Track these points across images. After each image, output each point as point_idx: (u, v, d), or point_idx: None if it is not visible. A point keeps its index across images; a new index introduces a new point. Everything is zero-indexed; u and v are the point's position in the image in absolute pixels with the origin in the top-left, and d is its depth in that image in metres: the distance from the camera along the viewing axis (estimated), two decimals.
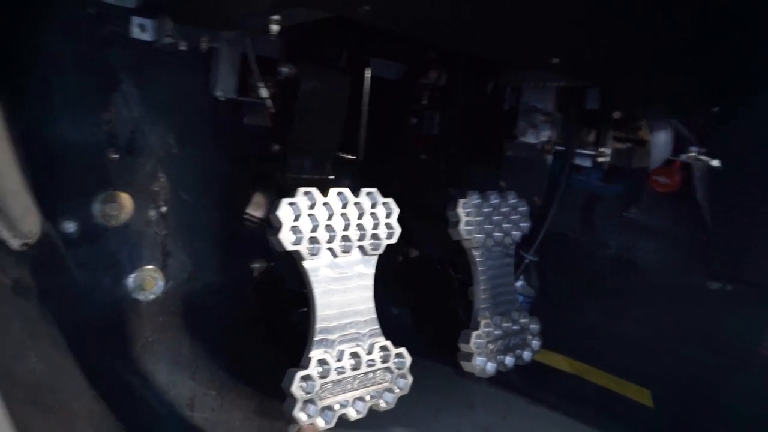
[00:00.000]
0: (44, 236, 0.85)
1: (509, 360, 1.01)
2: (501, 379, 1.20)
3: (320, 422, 0.74)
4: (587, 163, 1.28)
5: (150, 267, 1.08)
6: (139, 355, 1.04)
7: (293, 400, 0.71)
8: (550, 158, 1.27)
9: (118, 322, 1.04)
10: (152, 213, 1.08)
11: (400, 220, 0.85)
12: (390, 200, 0.83)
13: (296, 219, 0.74)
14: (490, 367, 0.97)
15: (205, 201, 1.11)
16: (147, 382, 1.02)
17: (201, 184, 1.11)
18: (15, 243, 0.76)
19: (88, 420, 0.78)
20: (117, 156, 1.03)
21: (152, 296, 1.09)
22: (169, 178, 1.08)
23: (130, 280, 1.06)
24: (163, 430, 0.97)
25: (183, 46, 0.95)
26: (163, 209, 1.09)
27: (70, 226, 0.98)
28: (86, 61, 0.96)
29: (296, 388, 0.71)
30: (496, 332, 0.99)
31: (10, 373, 0.53)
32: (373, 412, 0.83)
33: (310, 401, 0.73)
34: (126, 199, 1.04)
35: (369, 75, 0.90)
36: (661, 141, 1.14)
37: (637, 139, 1.27)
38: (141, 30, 0.96)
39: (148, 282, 1.08)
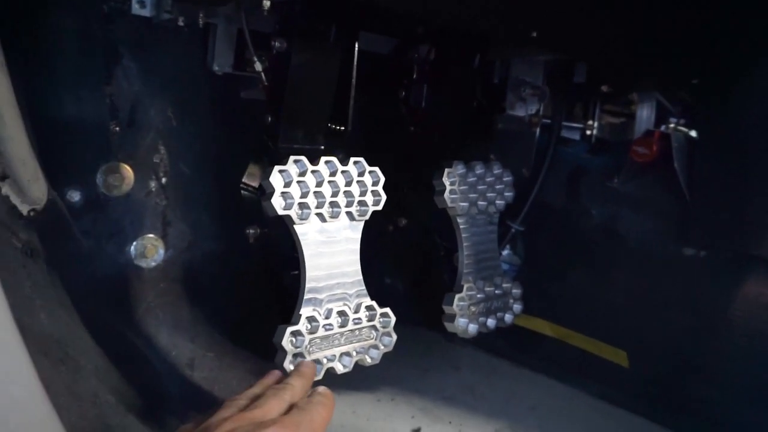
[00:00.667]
0: (50, 204, 0.89)
1: (491, 322, 1.06)
2: (486, 343, 1.27)
3: None
4: (575, 135, 1.32)
5: (151, 236, 1.13)
6: (142, 318, 1.10)
7: (284, 353, 0.77)
8: (538, 131, 1.32)
9: (121, 288, 1.09)
10: (153, 184, 1.12)
11: (389, 189, 0.90)
12: (376, 169, 0.87)
13: (287, 185, 0.78)
14: (472, 328, 1.02)
15: (203, 172, 1.15)
16: (149, 343, 1.08)
17: (199, 156, 1.14)
18: (24, 209, 0.81)
19: (94, 373, 0.84)
20: (118, 129, 1.06)
21: (153, 263, 1.13)
22: (168, 150, 1.11)
23: (132, 247, 1.11)
24: (165, 387, 1.03)
25: (181, 22, 0.99)
26: (163, 180, 1.13)
27: (74, 196, 1.02)
28: (89, 37, 0.99)
29: (286, 342, 0.77)
30: (478, 296, 1.04)
31: (23, 327, 0.58)
32: (362, 372, 0.88)
33: (300, 354, 0.78)
34: (127, 170, 1.08)
35: (357, 49, 0.93)
36: (644, 113, 1.18)
37: (626, 112, 1.30)
38: (140, 6, 0.99)
39: (149, 250, 1.12)
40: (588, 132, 1.28)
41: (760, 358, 0.99)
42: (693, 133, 1.05)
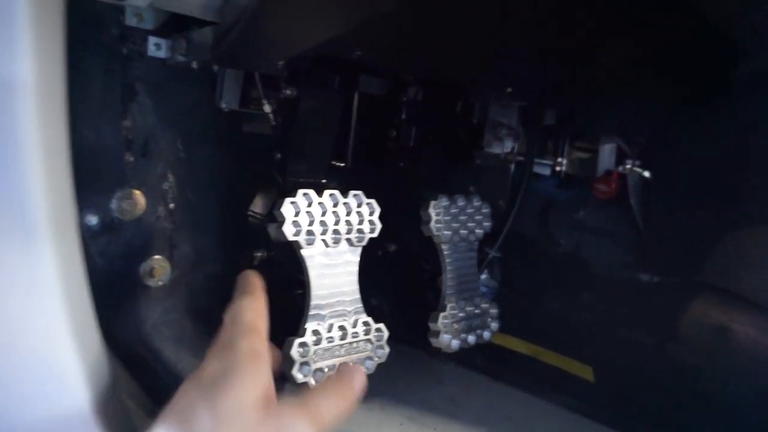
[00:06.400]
0: None
1: (471, 338, 1.18)
2: (466, 359, 1.38)
3: (312, 381, 0.90)
4: (546, 171, 1.47)
5: (158, 257, 1.21)
6: (149, 333, 1.18)
7: (291, 362, 0.87)
8: (513, 167, 1.46)
9: (132, 304, 1.17)
10: (162, 209, 1.21)
11: (381, 218, 1.01)
12: (373, 201, 0.99)
13: (296, 215, 0.90)
14: (455, 343, 1.14)
15: (207, 199, 1.25)
16: (157, 357, 1.16)
17: (205, 185, 1.24)
18: None
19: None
20: (132, 159, 1.16)
21: (161, 283, 1.21)
22: (176, 179, 1.21)
23: (142, 268, 1.19)
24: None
25: (194, 65, 1.11)
26: (171, 206, 1.22)
27: (92, 219, 1.11)
28: (108, 76, 1.10)
29: (294, 352, 0.87)
30: (460, 314, 1.16)
31: None
32: None
33: (305, 363, 0.89)
34: (139, 197, 1.17)
35: (357, 97, 1.06)
36: (605, 154, 1.33)
37: (591, 150, 1.46)
38: (156, 48, 1.10)
39: (156, 270, 1.20)
40: (557, 168, 1.42)
41: (706, 371, 1.12)
42: (646, 174, 1.20)
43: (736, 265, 1.11)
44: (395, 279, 1.44)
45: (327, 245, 0.94)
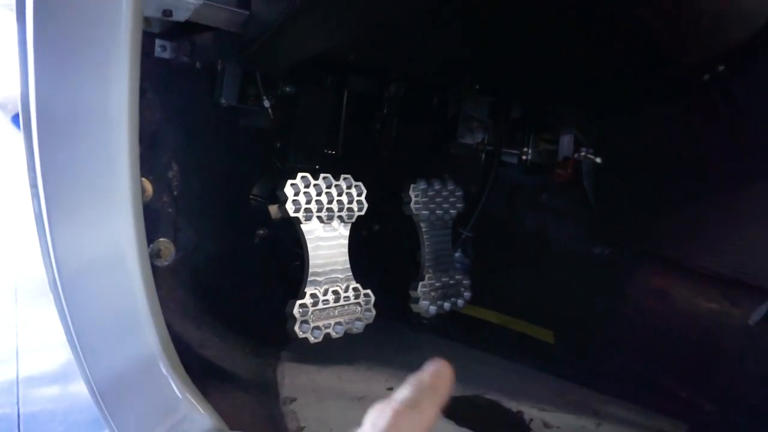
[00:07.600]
0: None
1: (447, 305, 1.34)
2: (442, 329, 1.54)
3: (311, 338, 1.04)
4: (513, 160, 1.63)
5: (164, 239, 1.34)
6: None
7: (294, 320, 1.02)
8: (483, 156, 1.62)
9: None
10: (167, 196, 1.34)
11: (367, 199, 1.16)
12: (360, 183, 1.14)
13: (296, 194, 1.04)
14: (432, 309, 1.30)
15: (208, 187, 1.38)
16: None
17: (205, 173, 1.38)
18: None
19: None
20: (141, 150, 1.29)
21: (166, 263, 1.35)
22: (180, 168, 1.34)
23: (150, 249, 1.32)
24: (185, 359, 1.24)
25: (198, 65, 1.24)
26: (175, 193, 1.35)
27: None
28: None
29: (296, 311, 1.02)
30: (437, 284, 1.32)
31: None
32: (344, 351, 1.11)
33: (305, 321, 1.03)
34: (148, 184, 1.30)
35: (347, 94, 1.21)
36: (564, 143, 1.50)
37: (553, 140, 1.62)
38: (162, 50, 1.24)
39: (163, 251, 1.34)
40: (523, 157, 1.59)
41: (649, 330, 1.30)
42: (598, 160, 1.37)
43: (675, 236, 1.29)
44: (379, 257, 1.59)
45: (322, 221, 1.08)
